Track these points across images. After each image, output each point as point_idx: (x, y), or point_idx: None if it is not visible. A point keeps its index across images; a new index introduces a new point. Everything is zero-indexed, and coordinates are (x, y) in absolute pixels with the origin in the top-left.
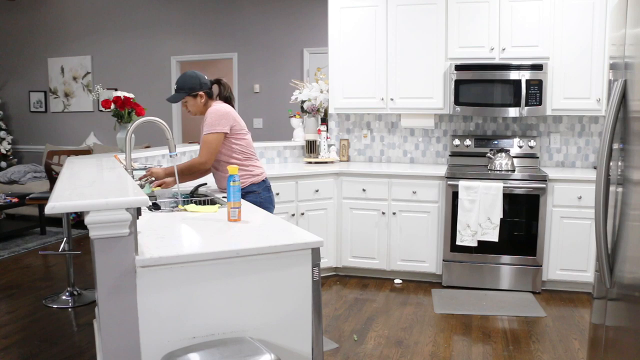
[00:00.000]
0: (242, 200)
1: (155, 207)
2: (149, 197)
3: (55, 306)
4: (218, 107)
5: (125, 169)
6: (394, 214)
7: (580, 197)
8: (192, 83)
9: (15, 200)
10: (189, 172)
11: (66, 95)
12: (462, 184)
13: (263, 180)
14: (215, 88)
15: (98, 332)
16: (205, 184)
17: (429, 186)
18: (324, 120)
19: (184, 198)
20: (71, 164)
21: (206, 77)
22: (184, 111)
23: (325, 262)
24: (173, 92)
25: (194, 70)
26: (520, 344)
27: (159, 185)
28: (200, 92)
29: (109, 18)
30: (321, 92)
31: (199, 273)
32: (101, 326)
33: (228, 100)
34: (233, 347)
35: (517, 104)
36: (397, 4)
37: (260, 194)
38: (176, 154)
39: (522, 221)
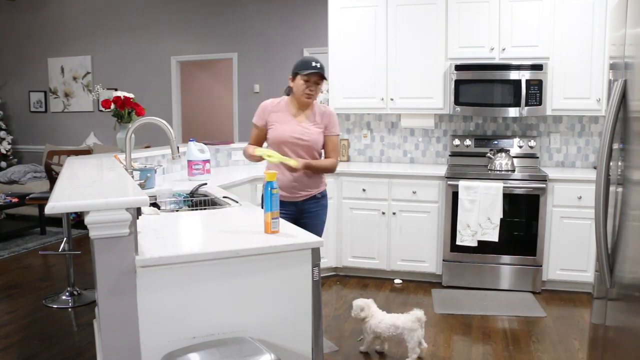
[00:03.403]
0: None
1: (155, 207)
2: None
3: (55, 306)
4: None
5: (125, 169)
6: (394, 214)
7: (580, 197)
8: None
9: (15, 200)
10: (328, 171)
11: (66, 95)
12: (462, 184)
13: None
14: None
15: (98, 332)
16: (205, 184)
17: (429, 186)
18: None
19: (183, 198)
20: (71, 164)
21: None
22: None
23: (325, 262)
24: (319, 66)
25: None
26: (520, 344)
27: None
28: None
29: (109, 18)
30: (321, 92)
31: (199, 273)
32: (101, 326)
33: None
34: (233, 347)
35: (517, 104)
36: (397, 4)
37: (327, 199)
38: (179, 156)
39: (522, 221)
